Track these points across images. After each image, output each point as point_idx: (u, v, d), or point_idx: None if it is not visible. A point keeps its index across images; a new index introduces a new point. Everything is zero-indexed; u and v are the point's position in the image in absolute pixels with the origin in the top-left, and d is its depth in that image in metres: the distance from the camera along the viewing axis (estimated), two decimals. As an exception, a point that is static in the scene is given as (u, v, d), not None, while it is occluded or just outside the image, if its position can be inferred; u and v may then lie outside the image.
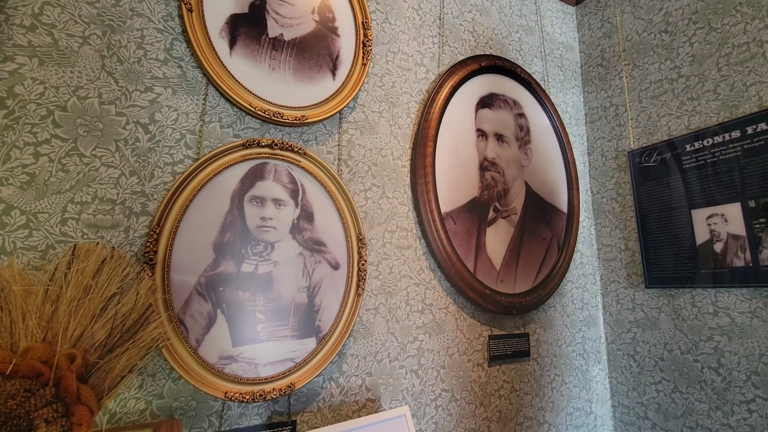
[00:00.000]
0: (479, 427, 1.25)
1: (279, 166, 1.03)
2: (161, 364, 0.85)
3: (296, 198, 1.03)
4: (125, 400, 0.81)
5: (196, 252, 0.89)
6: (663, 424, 1.42)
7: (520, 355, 1.37)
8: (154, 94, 0.93)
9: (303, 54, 1.11)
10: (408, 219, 1.25)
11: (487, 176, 1.40)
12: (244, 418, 0.91)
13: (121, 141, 0.89)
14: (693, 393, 1.35)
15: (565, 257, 1.53)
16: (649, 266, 1.50)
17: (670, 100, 1.50)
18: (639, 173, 1.57)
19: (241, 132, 1.02)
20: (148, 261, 0.83)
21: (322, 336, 1.00)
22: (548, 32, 1.81)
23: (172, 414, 0.85)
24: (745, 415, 1.22)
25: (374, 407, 1.07)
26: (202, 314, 0.88)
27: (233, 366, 0.89)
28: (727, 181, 1.32)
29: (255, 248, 0.96)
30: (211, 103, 1.00)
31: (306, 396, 1.00)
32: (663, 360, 1.44)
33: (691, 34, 1.46)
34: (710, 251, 1.34)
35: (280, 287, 0.97)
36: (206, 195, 0.92)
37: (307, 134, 1.12)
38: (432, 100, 1.32)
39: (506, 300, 1.33)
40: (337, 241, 1.07)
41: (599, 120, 1.76)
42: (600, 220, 1.72)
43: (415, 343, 1.18)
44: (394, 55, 1.32)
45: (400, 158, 1.27)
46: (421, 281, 1.23)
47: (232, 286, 0.91)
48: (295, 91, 1.09)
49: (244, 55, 1.03)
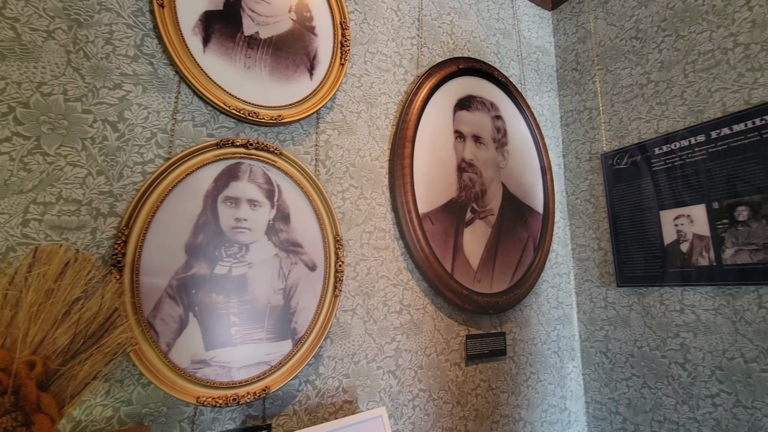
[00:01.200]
0: (456, 426, 1.26)
1: (254, 166, 1.01)
2: (130, 369, 0.83)
3: (272, 199, 1.02)
4: (91, 407, 0.78)
5: (168, 254, 0.87)
6: (633, 419, 1.46)
7: (496, 354, 1.39)
8: (124, 92, 0.91)
9: (280, 53, 1.10)
10: (386, 220, 1.25)
11: (465, 177, 1.42)
12: (217, 423, 0.90)
13: (87, 139, 0.86)
14: (661, 388, 1.39)
15: (541, 257, 1.56)
16: (621, 265, 1.55)
17: (641, 105, 1.55)
18: (611, 175, 1.61)
19: (215, 131, 1.01)
20: (116, 263, 0.81)
21: (298, 338, 0.99)
22: (525, 36, 1.84)
23: (141, 421, 0.82)
24: (710, 409, 1.27)
25: (351, 409, 1.07)
26: (173, 318, 0.85)
27: (206, 370, 0.87)
28: (694, 183, 1.37)
29: (229, 250, 0.94)
30: (184, 101, 0.98)
31: (281, 399, 0.99)
32: (633, 356, 1.49)
33: (660, 41, 1.51)
34: (677, 251, 1.39)
35: (255, 289, 0.96)
36: (178, 195, 0.90)
37: (284, 134, 1.11)
38: (410, 102, 1.32)
39: (483, 300, 1.34)
40: (313, 243, 1.06)
41: (574, 123, 1.81)
42: (574, 220, 1.76)
43: (392, 344, 1.19)
44: (372, 56, 1.32)
45: (379, 159, 1.27)
46: (399, 282, 1.23)
47: (205, 288, 0.90)
48: (271, 91, 1.07)
49: (218, 53, 1.01)
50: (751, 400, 1.18)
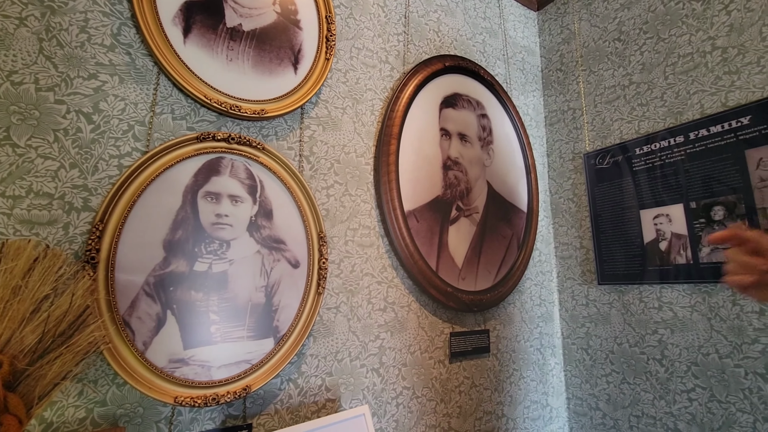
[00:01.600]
0: (440, 423, 1.27)
1: (236, 161, 0.99)
2: (104, 369, 0.80)
3: (254, 194, 1.00)
4: (63, 408, 0.75)
5: (144, 250, 0.85)
6: (612, 414, 1.49)
7: (480, 351, 1.40)
8: (99, 82, 0.88)
9: (263, 46, 1.08)
10: (371, 217, 1.24)
11: (450, 175, 1.42)
12: (195, 423, 0.88)
13: (60, 131, 0.83)
14: (639, 383, 1.42)
15: (525, 255, 1.57)
16: (602, 264, 1.57)
17: (622, 106, 1.58)
18: (594, 175, 1.64)
19: (195, 125, 0.98)
20: (89, 260, 0.78)
21: (280, 336, 0.98)
22: (511, 36, 1.85)
23: (116, 422, 0.80)
24: (686, 403, 1.30)
25: (334, 407, 1.06)
26: (150, 316, 0.83)
27: (184, 369, 0.85)
28: (672, 183, 1.40)
29: (209, 246, 0.92)
30: (163, 93, 0.95)
31: (263, 398, 0.97)
32: (613, 353, 1.51)
33: (642, 43, 1.54)
34: (656, 249, 1.42)
35: (236, 287, 0.94)
36: (156, 190, 0.88)
37: (267, 129, 1.09)
38: (396, 98, 1.32)
39: (467, 297, 1.35)
40: (297, 239, 1.05)
41: (558, 123, 1.83)
42: (557, 219, 1.78)
43: (376, 342, 1.18)
44: (358, 51, 1.31)
45: (364, 156, 1.26)
46: (383, 279, 1.23)
47: (183, 285, 0.87)
48: (254, 84, 1.05)
49: (199, 44, 0.98)
50: (725, 394, 1.21)
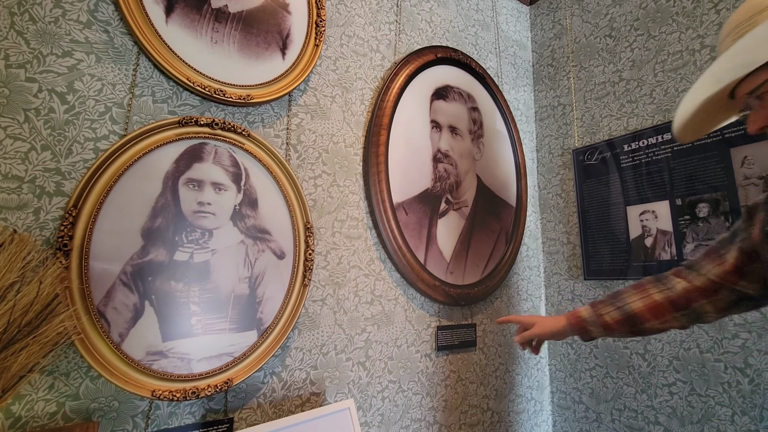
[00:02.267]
0: (425, 416, 1.26)
1: (220, 147, 0.95)
2: (77, 361, 0.76)
3: (238, 182, 0.97)
4: (32, 402, 0.72)
5: (122, 238, 0.81)
6: (595, 407, 1.51)
7: (466, 345, 1.39)
8: (74, 60, 0.83)
9: (250, 29, 1.04)
10: (359, 208, 1.22)
11: (440, 168, 1.40)
12: (174, 417, 0.85)
13: (31, 110, 0.78)
14: (622, 378, 1.44)
15: (512, 250, 1.57)
16: (588, 259, 1.58)
17: (612, 102, 1.58)
18: (582, 171, 1.64)
19: (177, 108, 0.94)
20: (61, 247, 0.74)
21: (264, 329, 0.95)
22: (503, 29, 1.84)
23: (89, 416, 0.76)
24: (667, 397, 1.32)
25: (319, 401, 1.04)
26: (127, 306, 0.80)
27: (163, 362, 0.82)
28: (658, 180, 1.41)
29: (191, 235, 0.89)
30: (143, 74, 0.91)
31: (245, 392, 0.95)
32: (597, 347, 1.53)
33: (632, 40, 1.54)
34: (642, 245, 1.44)
35: (219, 277, 0.91)
36: (134, 175, 0.84)
37: (253, 115, 1.05)
38: (387, 88, 1.29)
39: (455, 291, 1.34)
40: (282, 230, 1.02)
41: (548, 118, 1.83)
42: (545, 214, 1.79)
43: (363, 335, 1.16)
44: (348, 39, 1.28)
45: (353, 146, 1.24)
46: (370, 272, 1.21)
47: (163, 275, 0.84)
48: (240, 68, 1.01)
49: (182, 24, 0.94)
50: (705, 388, 1.24)
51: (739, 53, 0.58)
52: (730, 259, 0.76)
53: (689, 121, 0.72)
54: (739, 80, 0.63)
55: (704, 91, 0.65)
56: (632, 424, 1.39)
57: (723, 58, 0.60)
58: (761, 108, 0.61)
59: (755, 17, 0.60)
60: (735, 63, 0.59)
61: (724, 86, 0.62)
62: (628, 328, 0.88)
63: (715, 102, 0.69)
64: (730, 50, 0.59)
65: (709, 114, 0.72)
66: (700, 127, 0.75)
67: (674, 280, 0.84)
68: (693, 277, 0.82)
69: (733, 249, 0.76)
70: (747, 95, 0.62)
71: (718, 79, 0.62)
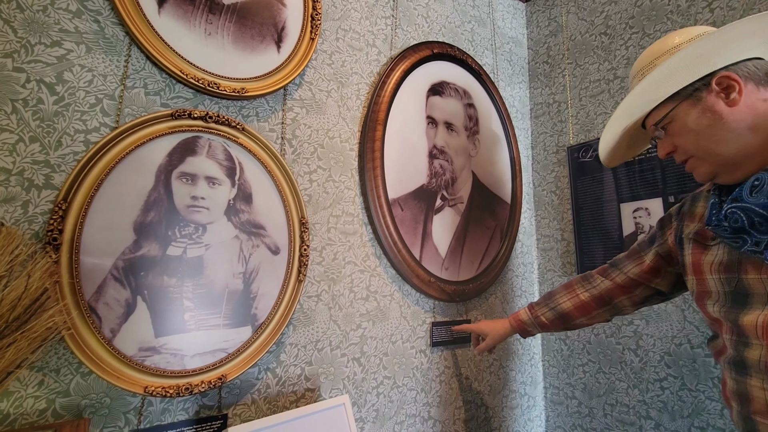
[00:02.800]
0: (420, 412, 1.26)
1: (214, 141, 0.94)
2: (67, 357, 0.75)
3: (233, 177, 0.96)
4: (21, 399, 0.70)
5: (113, 232, 0.79)
6: (587, 402, 1.52)
7: (461, 341, 1.40)
8: (64, 50, 0.81)
9: (244, 21, 1.03)
10: (354, 204, 1.21)
11: (436, 164, 1.40)
12: (167, 413, 0.84)
13: (19, 101, 0.76)
14: (614, 373, 1.45)
15: (507, 247, 1.58)
16: (582, 256, 1.59)
17: (607, 100, 1.59)
18: (576, 168, 1.65)
19: (170, 101, 0.92)
20: (51, 241, 0.73)
21: (258, 324, 0.94)
22: (499, 26, 1.83)
23: (80, 413, 0.75)
24: (658, 392, 1.34)
25: (313, 397, 1.04)
26: (118, 301, 0.78)
27: (155, 358, 0.81)
28: (651, 178, 1.42)
29: (184, 230, 0.87)
30: (135, 66, 0.89)
31: (239, 388, 0.94)
32: (590, 343, 1.54)
33: (627, 38, 1.55)
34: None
35: (212, 273, 0.90)
36: (126, 169, 0.82)
37: (248, 109, 1.04)
38: (383, 83, 1.28)
39: (450, 288, 1.34)
40: (277, 225, 1.01)
41: (543, 115, 1.83)
42: (540, 211, 1.79)
43: (358, 331, 1.16)
44: (344, 33, 1.27)
45: (348, 141, 1.23)
46: (366, 268, 1.21)
47: (155, 270, 0.83)
48: (234, 61, 1.00)
49: (175, 15, 0.92)
50: (696, 383, 1.25)
51: (643, 92, 0.70)
52: (647, 260, 0.90)
53: (614, 149, 0.86)
54: (647, 114, 0.74)
55: (620, 123, 0.79)
56: (624, 419, 1.41)
57: (631, 95, 0.72)
58: (667, 137, 0.72)
59: (654, 61, 0.73)
60: (641, 100, 0.71)
61: (636, 119, 0.76)
62: (562, 325, 1.04)
63: (631, 132, 0.82)
64: (637, 89, 0.70)
65: (628, 142, 0.86)
66: (624, 153, 0.89)
67: (599, 279, 0.99)
68: (615, 275, 0.96)
69: (651, 252, 0.89)
70: (653, 126, 0.73)
71: (629, 114, 0.76)
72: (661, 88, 0.68)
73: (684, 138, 0.68)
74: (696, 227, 0.76)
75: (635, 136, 0.84)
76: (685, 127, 0.68)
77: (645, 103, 0.72)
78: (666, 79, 0.67)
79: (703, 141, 0.66)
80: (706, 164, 0.68)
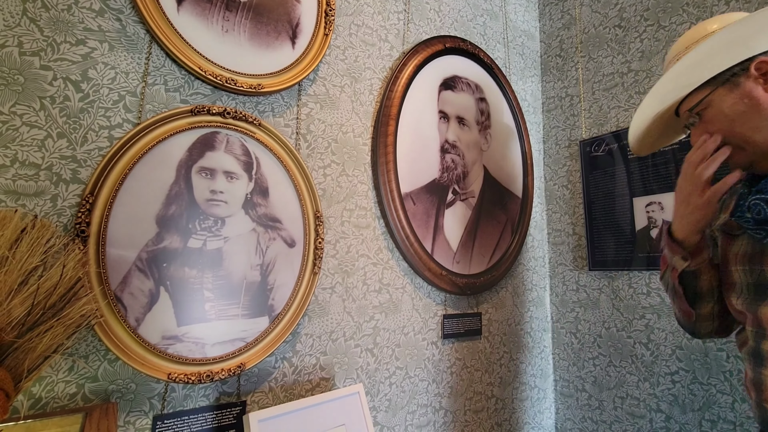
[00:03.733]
0: (431, 402, 1.29)
1: (231, 136, 0.96)
2: (95, 344, 0.78)
3: (250, 171, 0.98)
4: (53, 383, 0.74)
5: (137, 225, 0.82)
6: (598, 396, 1.53)
7: (472, 334, 1.41)
8: (88, 48, 0.84)
9: (260, 18, 1.04)
10: (367, 198, 1.23)
11: (448, 159, 1.41)
12: (189, 399, 0.87)
13: (47, 98, 0.79)
14: (625, 366, 1.46)
15: (518, 241, 1.58)
16: (593, 250, 1.59)
17: (620, 93, 1.58)
18: (588, 162, 1.65)
19: (189, 97, 0.95)
20: (79, 233, 0.76)
21: (275, 315, 0.97)
22: (512, 19, 1.82)
23: (107, 398, 0.79)
24: (669, 385, 1.34)
25: (328, 386, 1.07)
26: (142, 292, 0.81)
27: (178, 346, 0.84)
28: (664, 172, 1.42)
29: (204, 223, 0.90)
30: (155, 63, 0.91)
31: (257, 376, 0.97)
32: (601, 337, 1.55)
33: (642, 31, 1.53)
34: (647, 236, 1.44)
35: (231, 264, 0.92)
36: (148, 163, 0.85)
37: (263, 105, 1.06)
38: (396, 78, 1.29)
39: (461, 281, 1.36)
40: (293, 218, 1.03)
41: (555, 109, 1.82)
42: (551, 205, 1.79)
43: (371, 323, 1.18)
44: (357, 28, 1.28)
45: (361, 136, 1.24)
46: (378, 261, 1.22)
47: (177, 262, 0.85)
48: (250, 58, 1.02)
49: (193, 13, 0.94)
50: (707, 377, 1.25)
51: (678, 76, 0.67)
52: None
53: (643, 136, 0.83)
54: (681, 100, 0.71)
55: (651, 108, 0.75)
56: (634, 412, 1.42)
57: (664, 79, 0.69)
58: (701, 123, 0.69)
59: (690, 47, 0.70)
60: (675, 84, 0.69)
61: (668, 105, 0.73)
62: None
63: (663, 119, 0.78)
64: (670, 73, 0.68)
65: (660, 130, 0.82)
66: (655, 141, 0.86)
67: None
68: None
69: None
70: (688, 112, 0.70)
71: (662, 99, 0.72)
72: (697, 73, 0.65)
73: (719, 124, 0.66)
74: (725, 218, 0.75)
75: (667, 124, 0.81)
76: (721, 113, 0.65)
77: (680, 88, 0.69)
78: (702, 63, 0.64)
79: (739, 127, 0.64)
80: (742, 152, 0.66)
